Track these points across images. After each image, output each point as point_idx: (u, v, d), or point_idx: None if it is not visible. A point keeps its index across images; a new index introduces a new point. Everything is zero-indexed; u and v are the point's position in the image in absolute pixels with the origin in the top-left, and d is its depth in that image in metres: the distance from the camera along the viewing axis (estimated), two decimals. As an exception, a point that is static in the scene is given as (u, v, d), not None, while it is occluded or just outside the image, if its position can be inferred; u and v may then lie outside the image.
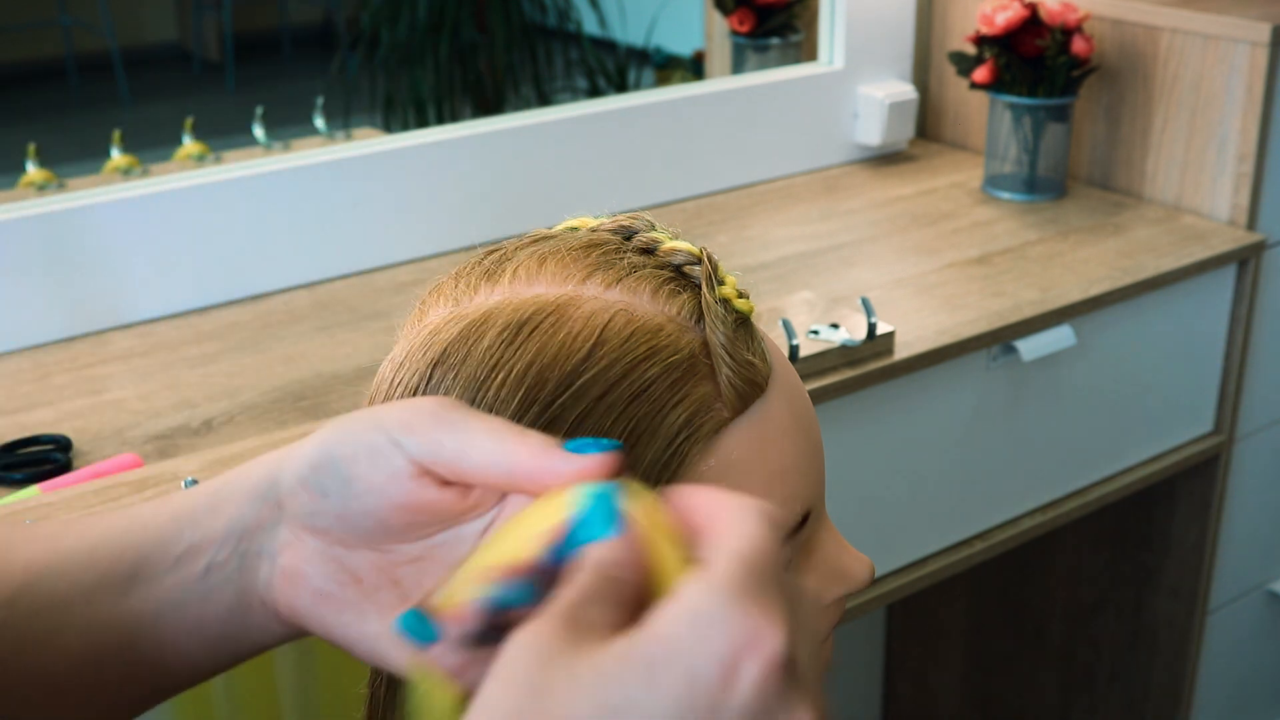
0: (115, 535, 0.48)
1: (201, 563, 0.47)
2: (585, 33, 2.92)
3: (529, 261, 0.56)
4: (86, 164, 1.78)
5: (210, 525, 0.47)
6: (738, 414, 0.54)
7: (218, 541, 0.47)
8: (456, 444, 0.43)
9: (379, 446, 0.44)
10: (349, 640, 0.46)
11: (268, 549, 0.47)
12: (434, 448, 0.44)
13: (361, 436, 0.45)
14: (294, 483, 0.46)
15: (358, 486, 0.45)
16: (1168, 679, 1.78)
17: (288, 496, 0.46)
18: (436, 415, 0.44)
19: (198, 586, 0.47)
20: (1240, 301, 1.58)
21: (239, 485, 0.48)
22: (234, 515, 0.47)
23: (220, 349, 1.29)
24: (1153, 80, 1.63)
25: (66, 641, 0.47)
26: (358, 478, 0.45)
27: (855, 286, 1.40)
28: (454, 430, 0.44)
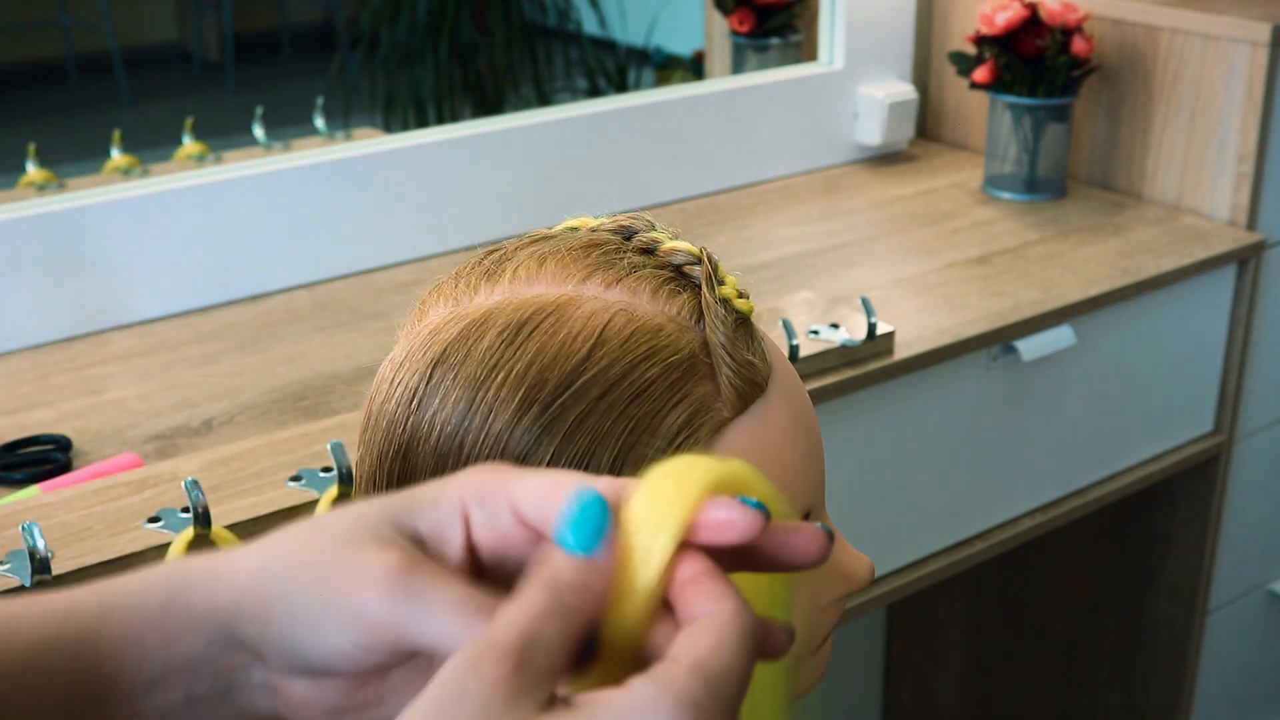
0: (67, 648, 0.44)
1: (179, 693, 0.44)
2: (585, 33, 2.92)
3: (529, 261, 0.56)
4: (86, 164, 1.78)
5: (169, 657, 0.44)
6: (738, 414, 0.54)
7: (186, 676, 0.44)
8: (423, 642, 0.40)
9: (345, 651, 0.41)
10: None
11: (257, 681, 0.44)
12: (394, 645, 0.41)
13: (324, 637, 0.41)
14: (257, 643, 0.43)
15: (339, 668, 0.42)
16: (1168, 679, 1.78)
17: (259, 652, 0.43)
18: (386, 616, 0.40)
19: (185, 712, 0.44)
20: (1240, 301, 1.58)
21: (188, 618, 0.44)
22: (194, 655, 0.44)
23: (220, 349, 1.29)
24: (1153, 80, 1.63)
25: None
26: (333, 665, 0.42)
27: (855, 286, 1.40)
28: (410, 626, 0.40)
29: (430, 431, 0.53)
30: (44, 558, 0.86)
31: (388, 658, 0.41)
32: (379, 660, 0.42)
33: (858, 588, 0.60)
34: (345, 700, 0.44)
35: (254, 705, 0.44)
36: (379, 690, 0.44)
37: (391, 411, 0.55)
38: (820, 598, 0.59)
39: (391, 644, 0.40)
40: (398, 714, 0.41)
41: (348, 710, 0.44)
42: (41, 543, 0.86)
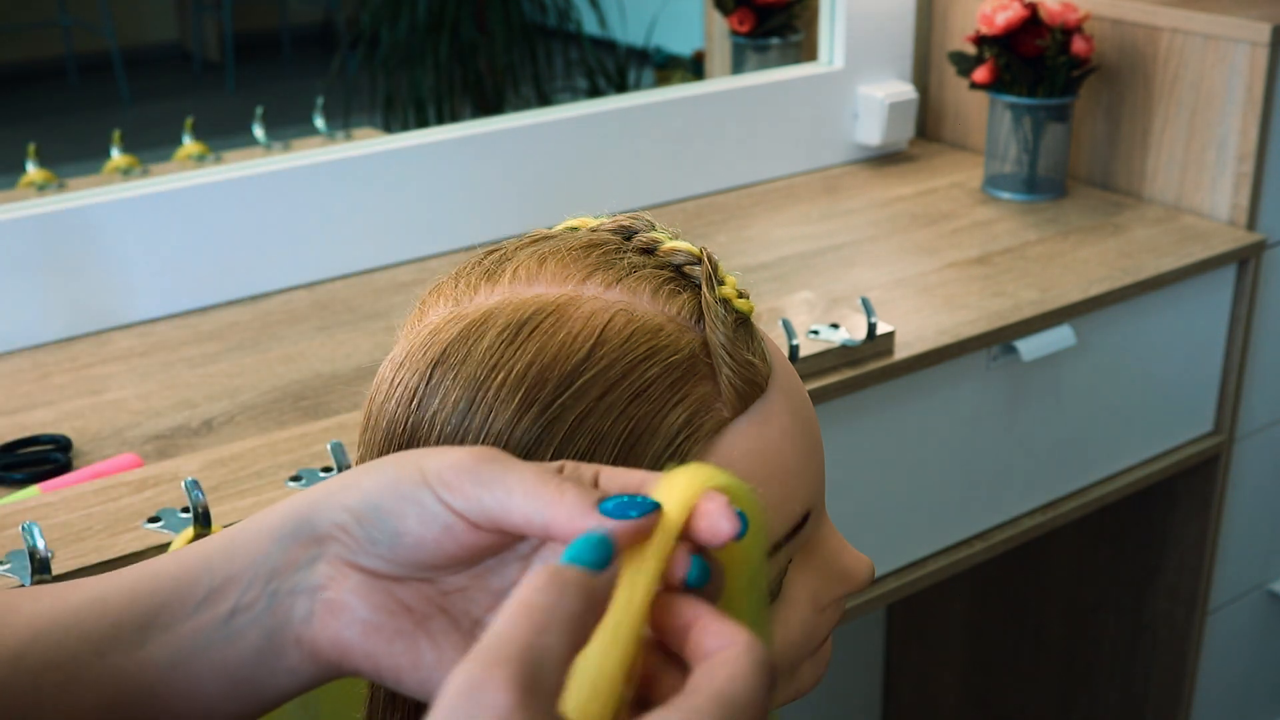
0: (126, 586, 0.47)
1: (225, 606, 0.47)
2: (585, 33, 2.92)
3: (529, 261, 0.56)
4: (86, 164, 1.78)
5: (229, 569, 0.47)
6: (738, 414, 0.54)
7: (242, 584, 0.47)
8: (496, 503, 0.43)
9: (426, 504, 0.44)
10: (399, 670, 0.45)
11: (304, 585, 0.46)
12: (475, 505, 0.43)
13: (408, 492, 0.44)
14: (333, 526, 0.46)
15: (407, 540, 0.44)
16: (1168, 679, 1.78)
17: (327, 537, 0.46)
18: (475, 472, 0.44)
19: (221, 630, 0.46)
20: (1240, 301, 1.58)
21: (257, 529, 0.47)
22: (257, 557, 0.47)
23: (220, 349, 1.29)
24: (1153, 80, 1.63)
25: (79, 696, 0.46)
26: (406, 532, 0.44)
27: (855, 286, 1.40)
28: (492, 488, 0.43)
29: (430, 431, 0.53)
30: (44, 558, 0.86)
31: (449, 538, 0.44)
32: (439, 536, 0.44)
33: (858, 588, 0.60)
34: (386, 614, 0.46)
35: (292, 616, 0.46)
36: (421, 612, 0.46)
37: (391, 411, 0.55)
38: (820, 598, 0.59)
39: (479, 507, 0.43)
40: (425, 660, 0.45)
41: (382, 629, 0.46)
42: (41, 543, 0.86)
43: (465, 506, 0.43)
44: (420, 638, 0.45)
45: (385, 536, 0.45)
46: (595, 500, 0.42)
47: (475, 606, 0.46)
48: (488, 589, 0.46)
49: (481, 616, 0.46)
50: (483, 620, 0.46)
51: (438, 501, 0.44)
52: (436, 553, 0.44)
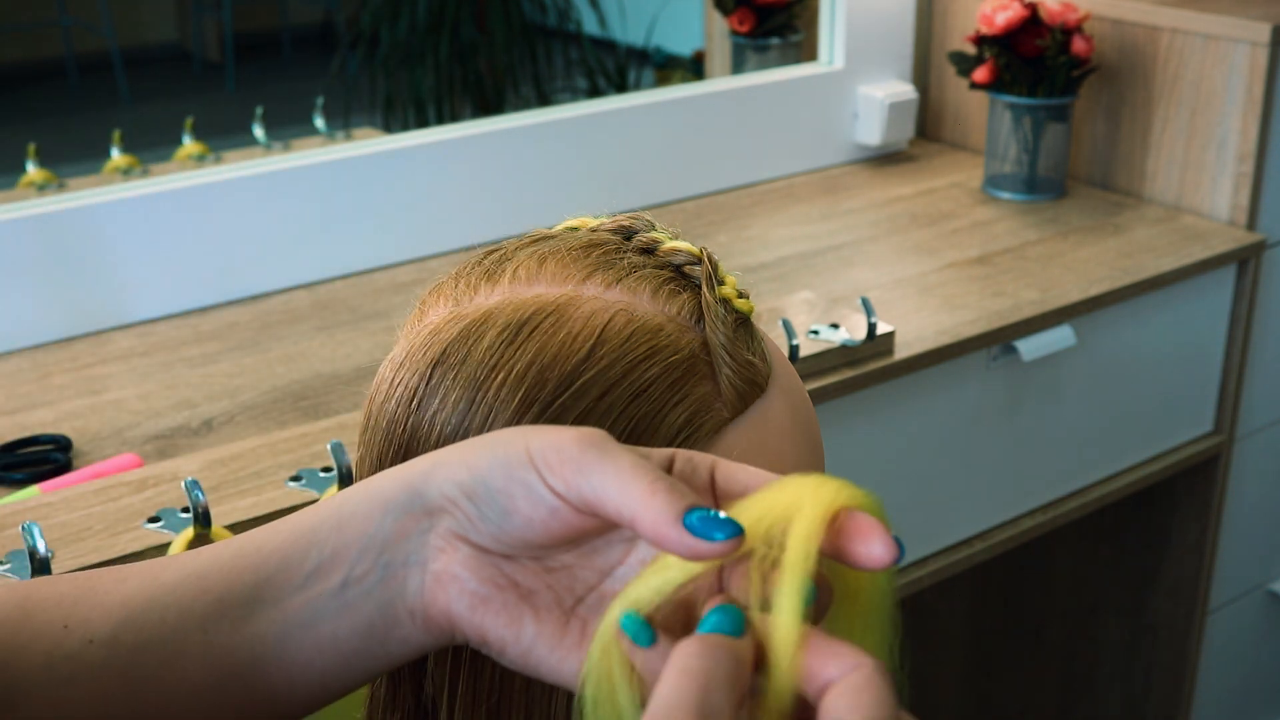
0: (226, 561, 0.47)
1: (336, 578, 0.46)
2: (585, 33, 2.92)
3: (529, 261, 0.56)
4: (86, 164, 1.78)
5: (339, 541, 0.47)
6: (738, 414, 0.54)
7: (353, 556, 0.46)
8: (591, 491, 0.43)
9: (533, 486, 0.44)
10: (504, 642, 0.46)
11: (416, 557, 0.46)
12: (574, 492, 0.44)
13: (516, 473, 0.44)
14: (444, 500, 0.46)
15: (516, 519, 0.45)
16: (1168, 679, 1.78)
17: (439, 510, 0.46)
18: (574, 459, 0.44)
19: (332, 603, 0.46)
20: (1240, 301, 1.58)
21: (365, 500, 0.47)
22: (367, 529, 0.46)
23: (220, 349, 1.29)
24: (1153, 80, 1.63)
25: (183, 672, 0.46)
26: (515, 512, 0.45)
27: (855, 286, 1.40)
28: (589, 476, 0.43)
29: (430, 431, 0.53)
30: (44, 558, 0.86)
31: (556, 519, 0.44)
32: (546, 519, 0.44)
33: (858, 588, 0.60)
34: (494, 587, 0.46)
35: (405, 588, 0.46)
36: (527, 587, 0.46)
37: (391, 411, 0.55)
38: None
39: (577, 493, 0.43)
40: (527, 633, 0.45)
41: (490, 601, 0.46)
42: (41, 543, 0.86)
43: (565, 491, 0.44)
44: (525, 611, 0.46)
45: (494, 514, 0.45)
46: (682, 509, 0.42)
47: (579, 585, 0.47)
48: (593, 568, 0.47)
49: (584, 595, 0.46)
50: (585, 598, 0.46)
51: (543, 484, 0.44)
52: (543, 533, 0.45)
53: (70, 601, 0.48)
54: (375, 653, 0.47)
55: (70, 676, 0.46)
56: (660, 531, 0.42)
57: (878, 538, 0.41)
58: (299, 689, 0.48)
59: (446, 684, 0.52)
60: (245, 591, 0.47)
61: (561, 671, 0.46)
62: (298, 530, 0.48)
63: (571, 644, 0.46)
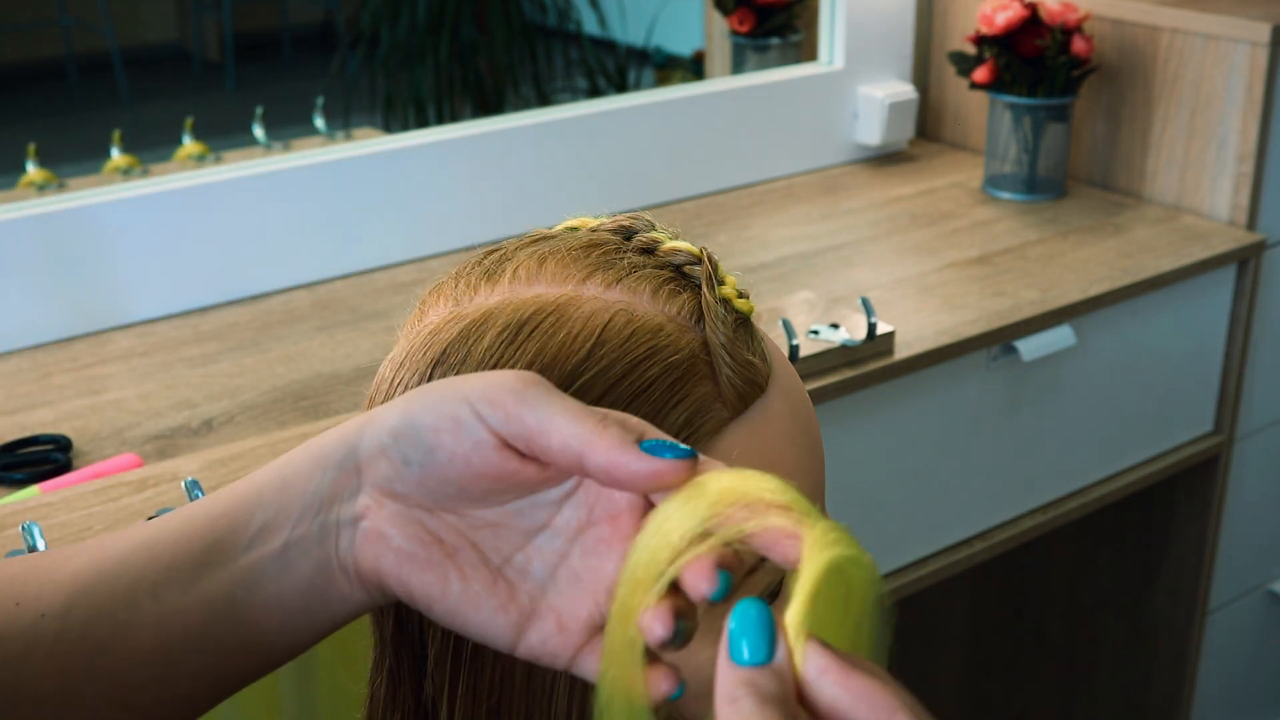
0: (174, 529, 0.48)
1: (278, 539, 0.47)
2: (585, 33, 2.92)
3: (529, 261, 0.56)
4: (86, 164, 1.78)
5: (281, 501, 0.47)
6: (738, 414, 0.54)
7: (294, 516, 0.47)
8: (536, 423, 0.43)
9: (462, 418, 0.44)
10: (430, 599, 0.46)
11: (348, 515, 0.47)
12: (515, 424, 0.44)
13: (445, 407, 0.45)
14: (373, 450, 0.46)
15: (440, 455, 0.45)
16: (1168, 679, 1.78)
17: (366, 463, 0.46)
18: (518, 391, 0.44)
19: (275, 563, 0.47)
20: (1240, 301, 1.58)
21: (306, 459, 0.48)
22: (307, 488, 0.47)
23: (220, 349, 1.29)
24: (1153, 80, 1.63)
25: (136, 640, 0.47)
26: (440, 447, 0.45)
27: (855, 286, 1.40)
28: (534, 408, 0.44)
29: (430, 431, 0.53)
30: (44, 558, 0.86)
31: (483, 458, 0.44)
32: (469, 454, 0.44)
33: (858, 588, 0.60)
34: (419, 544, 0.46)
35: (338, 546, 0.47)
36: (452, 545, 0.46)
37: (391, 411, 0.55)
38: (820, 598, 0.59)
39: (519, 426, 0.43)
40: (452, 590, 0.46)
41: (415, 558, 0.46)
42: (41, 543, 0.86)
43: (504, 424, 0.44)
44: (450, 569, 0.46)
45: (420, 456, 0.45)
46: (636, 437, 0.43)
47: (505, 544, 0.47)
48: (517, 529, 0.47)
49: (511, 555, 0.47)
50: (512, 559, 0.47)
51: (474, 415, 0.44)
52: (465, 471, 0.45)
53: (21, 579, 0.48)
54: (318, 612, 0.48)
55: (25, 652, 0.47)
56: (614, 458, 0.42)
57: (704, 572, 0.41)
58: (250, 650, 0.48)
59: (446, 684, 0.52)
60: (194, 556, 0.47)
61: (487, 630, 0.46)
62: (244, 493, 0.48)
63: (498, 604, 0.46)
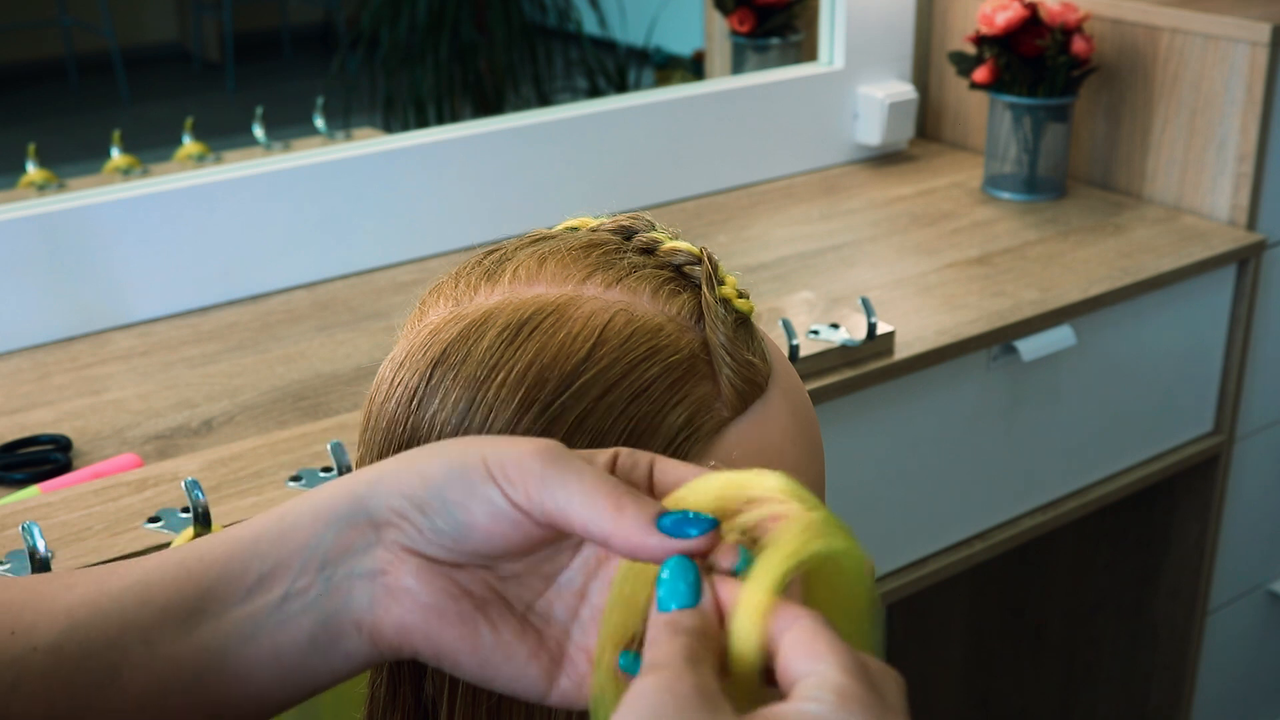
0: (169, 571, 0.47)
1: (277, 592, 0.46)
2: (585, 33, 2.92)
3: (529, 261, 0.56)
4: (86, 164, 1.78)
5: (280, 553, 0.46)
6: (738, 414, 0.54)
7: (294, 569, 0.46)
8: (556, 505, 0.44)
9: (494, 500, 0.44)
10: (458, 654, 0.46)
11: (363, 570, 0.46)
12: (537, 506, 0.44)
13: (475, 487, 0.44)
14: (393, 512, 0.46)
15: (475, 533, 0.45)
16: (1168, 679, 1.78)
17: (386, 523, 0.46)
18: (538, 473, 0.44)
19: (273, 616, 0.46)
20: (1240, 301, 1.58)
21: (308, 511, 0.47)
22: (308, 542, 0.46)
23: (220, 349, 1.29)
24: (1153, 80, 1.63)
25: (126, 681, 0.46)
26: (474, 525, 0.44)
27: (855, 286, 1.40)
28: (553, 492, 0.44)
29: (430, 432, 0.53)
30: (44, 558, 0.86)
31: (516, 532, 0.44)
32: (508, 532, 0.44)
33: (858, 588, 0.60)
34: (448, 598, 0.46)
35: (351, 601, 0.46)
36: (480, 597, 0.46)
37: (391, 411, 0.55)
38: (820, 598, 0.59)
39: (540, 509, 0.44)
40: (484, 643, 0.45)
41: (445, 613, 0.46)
42: (41, 543, 0.86)
43: (528, 505, 0.44)
44: (480, 621, 0.46)
45: (451, 528, 0.45)
46: (653, 516, 0.43)
47: (529, 591, 0.47)
48: (541, 574, 0.47)
49: (533, 601, 0.47)
50: (535, 605, 0.47)
51: (504, 498, 0.44)
52: (503, 545, 0.45)
53: (18, 606, 0.48)
54: (316, 667, 0.47)
55: (15, 682, 0.46)
56: (635, 543, 0.42)
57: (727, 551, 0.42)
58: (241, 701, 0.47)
59: (447, 684, 0.52)
60: (187, 603, 0.46)
61: (520, 681, 0.46)
62: (240, 541, 0.47)
63: (528, 652, 0.46)
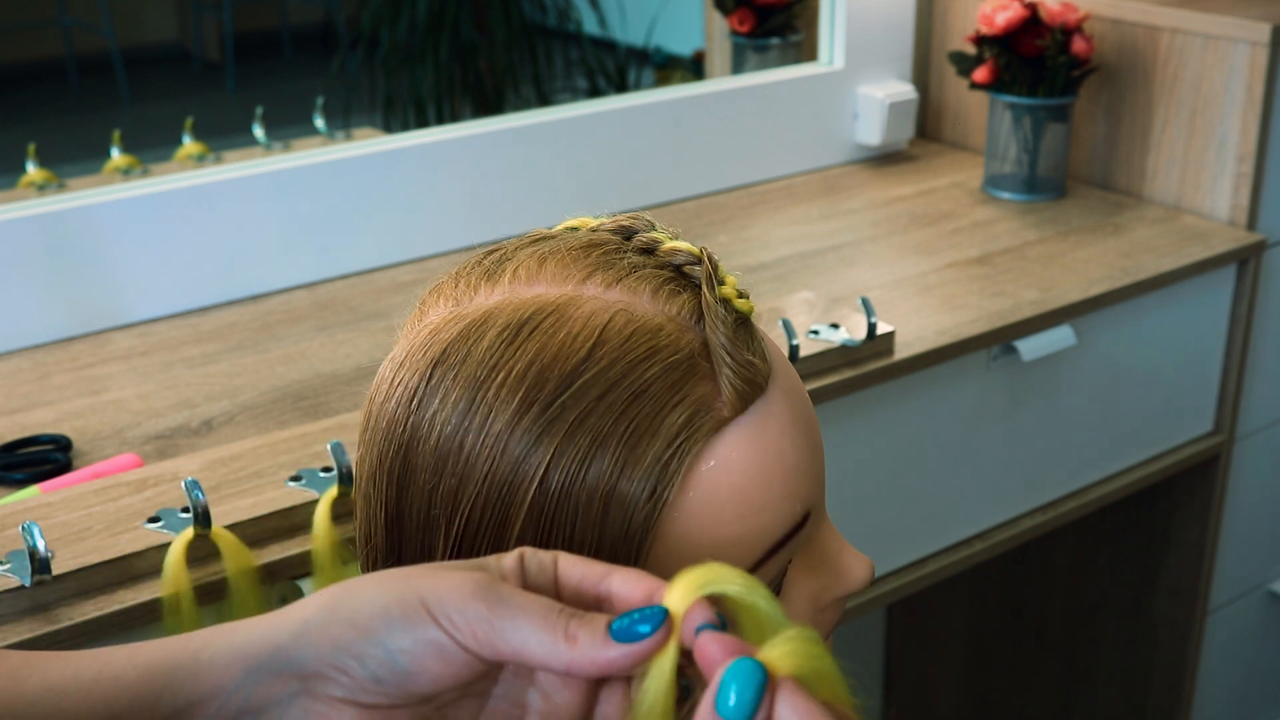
0: (85, 684, 0.45)
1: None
2: (585, 33, 2.92)
3: (529, 261, 0.56)
4: (86, 164, 1.78)
5: (194, 691, 0.45)
6: (738, 414, 0.54)
7: (208, 712, 0.45)
8: (511, 647, 0.43)
9: (440, 641, 0.43)
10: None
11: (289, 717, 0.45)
12: (488, 646, 0.43)
13: (422, 632, 0.43)
14: (324, 666, 0.44)
15: (422, 678, 0.44)
16: (1168, 679, 1.78)
17: (316, 675, 0.44)
18: (484, 616, 0.43)
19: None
20: (1240, 301, 1.58)
21: (226, 651, 0.45)
22: (225, 685, 0.45)
23: (220, 349, 1.29)
24: (1153, 80, 1.63)
25: None
26: (422, 671, 0.44)
27: (855, 286, 1.40)
28: (505, 633, 0.43)
29: (430, 431, 0.53)
30: (44, 558, 0.86)
31: (465, 670, 0.44)
32: (457, 672, 0.44)
33: (858, 588, 0.60)
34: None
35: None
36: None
37: (391, 411, 0.55)
38: (820, 598, 0.59)
39: (491, 650, 0.43)
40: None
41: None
42: (41, 543, 0.86)
43: (479, 649, 0.43)
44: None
45: (395, 676, 0.44)
46: (604, 631, 0.43)
47: (465, 714, 0.46)
48: (474, 693, 0.46)
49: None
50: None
51: (453, 643, 0.43)
52: (452, 683, 0.44)
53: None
54: None
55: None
56: (599, 663, 0.43)
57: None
58: None
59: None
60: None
61: None
62: (153, 667, 0.45)
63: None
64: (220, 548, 0.91)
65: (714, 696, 0.40)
